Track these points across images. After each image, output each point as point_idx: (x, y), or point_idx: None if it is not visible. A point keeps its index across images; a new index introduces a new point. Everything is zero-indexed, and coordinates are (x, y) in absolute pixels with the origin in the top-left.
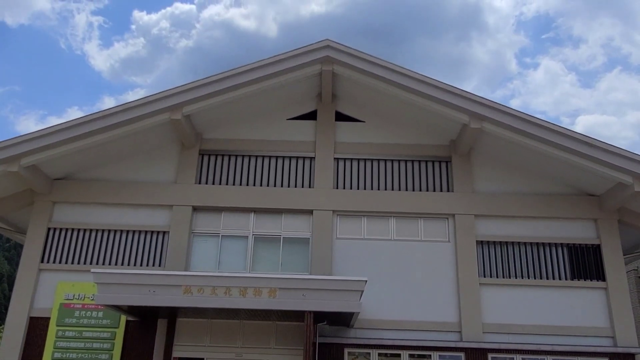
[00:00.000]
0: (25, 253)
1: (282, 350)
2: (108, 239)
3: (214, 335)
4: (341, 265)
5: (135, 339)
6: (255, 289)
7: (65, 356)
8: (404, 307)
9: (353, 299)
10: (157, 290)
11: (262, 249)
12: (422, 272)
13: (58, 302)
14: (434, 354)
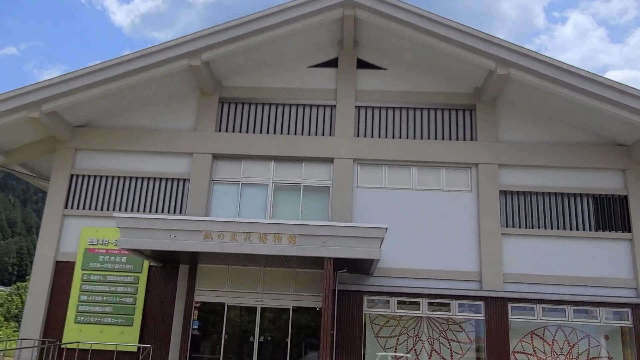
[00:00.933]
0: (49, 199)
1: (301, 296)
2: (129, 186)
3: (235, 281)
4: (361, 214)
5: (158, 284)
6: (275, 235)
7: (91, 299)
8: (424, 256)
9: (373, 246)
10: (178, 235)
11: (282, 197)
12: (443, 221)
13: (82, 247)
14: (453, 303)
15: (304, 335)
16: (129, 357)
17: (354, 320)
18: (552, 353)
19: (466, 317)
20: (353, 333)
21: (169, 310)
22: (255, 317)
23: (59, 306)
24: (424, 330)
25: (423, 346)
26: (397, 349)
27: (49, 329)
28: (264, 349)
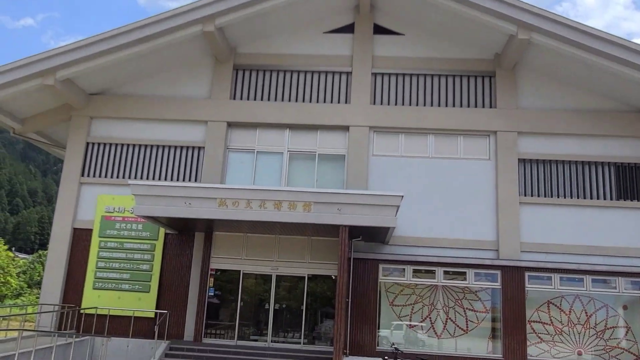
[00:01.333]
0: (66, 167)
1: (317, 264)
2: (145, 154)
3: (250, 249)
4: (377, 183)
5: (174, 252)
6: (290, 203)
7: (108, 265)
8: (440, 225)
9: (389, 214)
10: (193, 202)
11: (297, 165)
12: (460, 190)
13: (99, 215)
14: (469, 271)
15: (319, 303)
16: (146, 323)
17: (369, 288)
18: (569, 322)
19: (482, 286)
20: (368, 301)
21: (185, 277)
22: (271, 284)
23: (78, 273)
24: (439, 298)
25: (438, 315)
26: (412, 318)
27: (68, 295)
28: (280, 317)
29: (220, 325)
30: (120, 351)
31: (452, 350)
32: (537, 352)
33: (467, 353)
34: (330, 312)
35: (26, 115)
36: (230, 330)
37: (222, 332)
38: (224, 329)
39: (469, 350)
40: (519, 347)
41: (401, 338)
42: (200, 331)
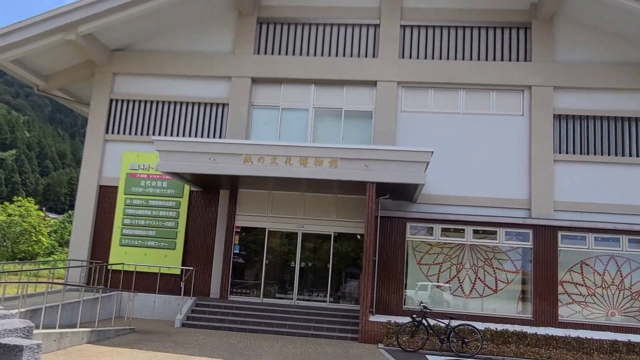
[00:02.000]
0: (90, 124)
1: (343, 222)
2: (169, 111)
3: (275, 206)
4: (405, 140)
5: (199, 209)
6: (316, 159)
7: (134, 222)
8: (470, 183)
9: (418, 171)
10: (217, 158)
11: (323, 122)
12: (492, 147)
13: (124, 172)
14: (500, 230)
15: (345, 262)
16: (172, 280)
17: (396, 247)
18: (603, 283)
19: (513, 245)
20: (395, 260)
21: (211, 235)
22: (296, 242)
23: (104, 230)
24: (468, 258)
25: (467, 274)
26: (439, 277)
27: (96, 251)
28: (305, 275)
29: (245, 284)
30: (147, 307)
31: (480, 310)
32: (569, 313)
33: (495, 313)
34: (356, 271)
35: (50, 72)
36: (255, 289)
37: (248, 290)
38: (250, 287)
39: (497, 311)
40: (549, 308)
41: (426, 298)
42: (226, 288)
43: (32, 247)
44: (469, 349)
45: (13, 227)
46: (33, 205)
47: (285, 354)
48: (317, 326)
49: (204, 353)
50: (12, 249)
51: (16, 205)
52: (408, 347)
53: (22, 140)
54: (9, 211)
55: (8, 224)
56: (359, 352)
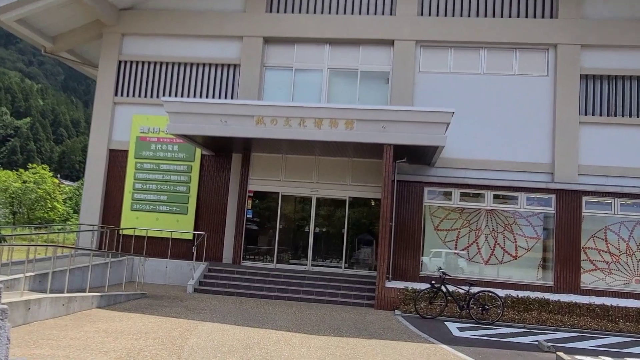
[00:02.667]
0: (99, 86)
1: (358, 187)
2: (179, 72)
3: (289, 170)
4: (423, 102)
5: (211, 173)
6: (332, 120)
7: (145, 187)
8: (490, 147)
9: (438, 132)
10: (229, 120)
11: (338, 84)
12: (514, 109)
13: (134, 136)
14: (521, 195)
15: (361, 227)
16: (184, 245)
17: (413, 212)
18: (628, 250)
19: (534, 210)
20: (412, 226)
21: (223, 200)
22: (311, 207)
23: (115, 194)
24: (487, 223)
25: (486, 240)
26: (457, 243)
27: (107, 216)
28: (319, 241)
29: (258, 249)
30: (159, 272)
31: (499, 277)
32: (591, 280)
33: (515, 280)
34: (371, 237)
35: (57, 33)
36: (269, 254)
37: (261, 256)
38: (263, 252)
39: (517, 278)
40: (571, 275)
41: (441, 265)
42: (239, 254)
43: (48, 214)
44: (489, 316)
45: (28, 194)
46: (47, 172)
47: (301, 320)
48: (332, 292)
49: (216, 318)
50: (28, 215)
51: (31, 173)
52: (426, 313)
53: (36, 108)
54: (23, 178)
55: (23, 191)
56: (376, 319)
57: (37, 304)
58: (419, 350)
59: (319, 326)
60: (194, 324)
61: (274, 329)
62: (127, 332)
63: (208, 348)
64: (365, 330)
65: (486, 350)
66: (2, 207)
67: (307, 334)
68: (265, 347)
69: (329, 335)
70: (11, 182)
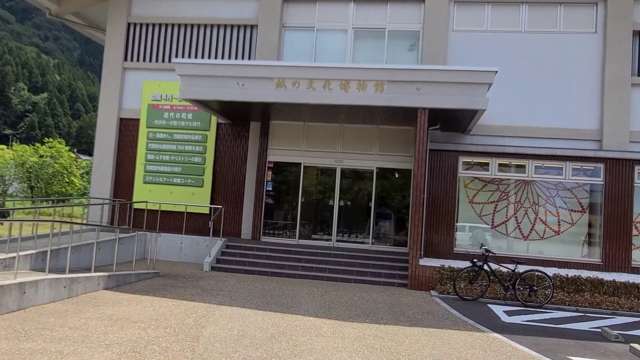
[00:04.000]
0: (108, 51)
1: (386, 157)
2: (192, 35)
3: (311, 140)
4: (457, 64)
5: (228, 143)
6: (360, 82)
7: (158, 158)
8: (532, 112)
9: (479, 94)
10: (246, 83)
11: (364, 44)
12: (558, 70)
13: (146, 103)
14: (566, 165)
15: (389, 200)
16: (200, 220)
17: (446, 184)
18: None
19: (580, 181)
20: (445, 198)
21: (241, 171)
22: (335, 179)
23: (127, 166)
24: (527, 196)
25: (526, 214)
26: (494, 217)
27: (119, 189)
28: (344, 215)
29: (279, 224)
30: (173, 248)
31: (539, 253)
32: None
33: (557, 257)
34: (402, 210)
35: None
36: (290, 229)
37: (282, 231)
38: (284, 227)
39: (559, 255)
40: (621, 251)
41: (468, 240)
42: (259, 229)
43: (65, 189)
44: (537, 298)
45: (45, 168)
46: (64, 147)
47: (329, 303)
48: (360, 270)
49: (236, 302)
50: (46, 190)
51: (47, 147)
52: (466, 294)
53: (53, 83)
54: (40, 152)
55: (40, 166)
56: (412, 301)
57: (34, 287)
58: (470, 340)
59: (350, 310)
60: (211, 308)
61: (300, 314)
62: (134, 320)
63: (227, 340)
64: (402, 315)
65: (545, 341)
66: (19, 181)
67: (338, 321)
68: (293, 337)
69: (363, 322)
70: (28, 156)
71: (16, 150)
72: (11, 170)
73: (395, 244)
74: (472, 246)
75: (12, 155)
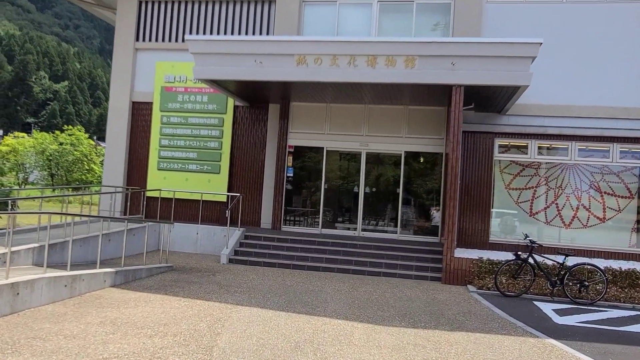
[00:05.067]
0: (118, 31)
1: (415, 140)
2: (206, 11)
3: (334, 122)
4: (493, 37)
5: (246, 127)
6: (388, 57)
7: (173, 143)
8: (576, 89)
9: (521, 69)
10: (264, 60)
11: (390, 19)
12: (603, 43)
13: (159, 86)
14: (613, 146)
15: (418, 186)
16: (217, 208)
17: (481, 168)
18: None
19: (628, 164)
20: (479, 184)
21: (260, 157)
22: (360, 163)
23: (140, 152)
24: (569, 180)
25: (567, 200)
26: (533, 204)
27: (132, 177)
28: (370, 202)
29: (301, 212)
30: (189, 239)
31: (583, 243)
32: None
33: (603, 246)
34: (432, 196)
35: None
36: (313, 218)
37: (304, 219)
38: (306, 216)
39: (605, 244)
40: None
41: (505, 229)
42: (279, 218)
43: (85, 176)
44: (588, 294)
45: (65, 155)
46: (83, 134)
47: (358, 301)
48: (389, 263)
49: (256, 301)
50: (66, 177)
51: (67, 134)
52: (508, 290)
53: (74, 71)
54: (60, 140)
55: (60, 153)
56: (449, 298)
57: (29, 287)
58: (525, 349)
59: (383, 311)
60: (227, 309)
61: (327, 316)
62: (140, 325)
63: (245, 351)
64: (442, 316)
65: (612, 349)
66: (40, 169)
67: (371, 324)
68: (321, 347)
69: (399, 326)
70: (47, 144)
71: (36, 138)
72: (31, 158)
73: (425, 233)
74: (508, 235)
75: (32, 143)
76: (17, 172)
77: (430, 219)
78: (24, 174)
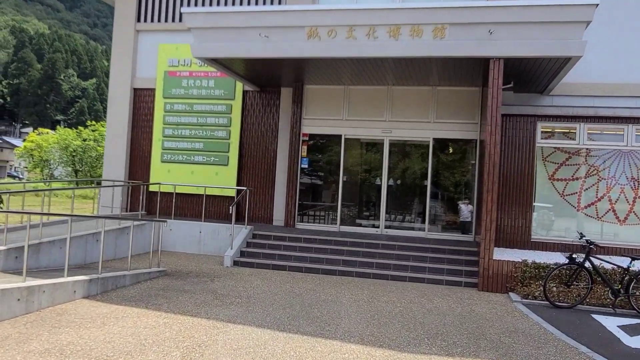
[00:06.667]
0: (118, 11)
1: (445, 125)
2: None
3: (353, 107)
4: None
5: (255, 114)
6: (413, 27)
7: (177, 133)
8: (630, 65)
9: (572, 36)
10: (270, 34)
11: None
12: None
13: (162, 70)
14: None
15: (449, 178)
16: (226, 203)
17: (520, 156)
18: None
19: None
20: (519, 174)
21: (272, 146)
22: (382, 153)
23: (142, 143)
24: (625, 170)
25: (622, 192)
26: (581, 195)
27: (134, 170)
28: (394, 196)
29: (317, 207)
30: (191, 238)
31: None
32: None
33: None
34: (464, 189)
35: None
36: (330, 214)
37: (321, 215)
38: (323, 211)
39: None
40: None
41: (540, 224)
42: (292, 214)
43: None
44: None
45: (89, 151)
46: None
47: (378, 316)
48: (416, 266)
49: (252, 316)
50: (90, 173)
51: (90, 130)
52: (559, 300)
53: (101, 69)
54: (83, 136)
55: (84, 149)
56: (489, 311)
57: None
58: None
59: (409, 330)
60: (215, 328)
61: (338, 338)
62: (95, 355)
63: None
64: (482, 337)
65: None
66: (64, 165)
67: (393, 350)
68: None
69: (429, 354)
70: (71, 140)
71: (60, 134)
72: (55, 154)
73: (456, 231)
74: (553, 233)
75: (56, 139)
76: (42, 168)
77: (463, 214)
78: (49, 170)
